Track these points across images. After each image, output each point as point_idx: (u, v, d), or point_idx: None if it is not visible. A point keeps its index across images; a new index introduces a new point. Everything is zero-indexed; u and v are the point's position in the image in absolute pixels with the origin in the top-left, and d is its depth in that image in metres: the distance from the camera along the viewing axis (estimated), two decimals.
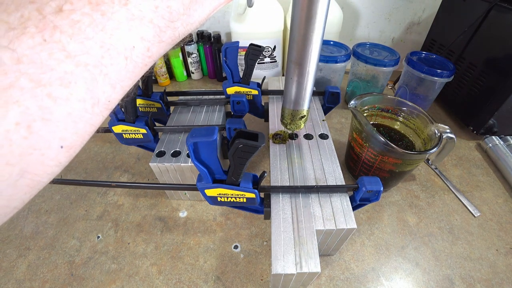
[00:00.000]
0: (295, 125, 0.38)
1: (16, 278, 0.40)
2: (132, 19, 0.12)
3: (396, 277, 0.40)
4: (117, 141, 0.48)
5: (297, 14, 0.25)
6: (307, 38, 0.26)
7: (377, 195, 0.35)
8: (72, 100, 0.11)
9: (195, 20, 0.15)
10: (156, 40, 0.13)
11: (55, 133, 0.11)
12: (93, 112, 0.12)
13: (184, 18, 0.14)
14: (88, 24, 0.11)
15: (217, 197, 0.35)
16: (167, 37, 0.14)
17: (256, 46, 0.46)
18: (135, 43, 0.12)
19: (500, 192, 0.53)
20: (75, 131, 0.12)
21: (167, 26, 0.13)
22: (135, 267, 0.41)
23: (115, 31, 0.11)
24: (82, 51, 0.11)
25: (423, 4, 0.82)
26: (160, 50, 0.14)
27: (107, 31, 0.11)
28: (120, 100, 0.14)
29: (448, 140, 0.44)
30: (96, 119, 0.13)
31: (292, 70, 0.31)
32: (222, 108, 0.54)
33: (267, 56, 0.75)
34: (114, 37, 0.11)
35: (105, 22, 0.11)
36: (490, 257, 0.43)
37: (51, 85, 0.10)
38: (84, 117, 0.12)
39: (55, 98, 0.10)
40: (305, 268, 0.29)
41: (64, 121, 0.11)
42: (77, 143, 0.12)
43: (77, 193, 0.52)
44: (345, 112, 0.74)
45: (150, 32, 0.13)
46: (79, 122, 0.12)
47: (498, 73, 0.56)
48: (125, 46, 0.12)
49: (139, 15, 0.12)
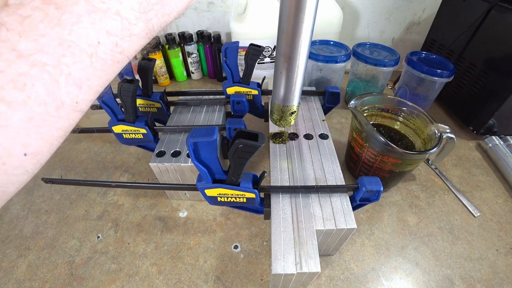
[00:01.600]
0: (285, 121, 0.36)
1: (16, 278, 0.40)
2: (93, 11, 0.11)
3: (396, 277, 0.40)
4: (117, 141, 0.48)
5: (286, 4, 0.24)
6: (297, 29, 0.25)
7: (377, 195, 0.35)
8: (31, 104, 0.10)
9: (171, 10, 0.14)
10: (126, 34, 0.12)
11: (15, 139, 0.10)
12: (58, 115, 0.11)
13: (158, 8, 0.13)
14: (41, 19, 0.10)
15: (217, 197, 0.35)
16: (139, 30, 0.12)
17: (256, 46, 0.46)
18: (100, 38, 0.11)
19: (500, 192, 0.53)
20: (40, 136, 0.11)
21: (137, 18, 0.12)
22: (135, 267, 0.41)
23: (75, 26, 0.10)
24: (36, 49, 0.10)
25: (423, 4, 0.82)
26: (133, 45, 0.13)
27: (65, 27, 0.10)
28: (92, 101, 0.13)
29: (448, 140, 0.44)
30: (64, 123, 0.12)
31: (281, 63, 0.29)
32: (222, 108, 0.54)
33: (267, 56, 0.75)
34: (74, 32, 0.10)
35: (61, 16, 0.10)
36: (490, 257, 0.43)
37: (3, 89, 0.09)
38: (47, 120, 0.11)
39: (9, 102, 0.09)
40: (305, 268, 0.29)
41: (25, 127, 0.10)
42: (44, 148, 0.11)
43: (77, 193, 0.52)
44: (345, 112, 0.74)
45: (117, 26, 0.11)
46: (43, 127, 0.11)
47: (498, 73, 0.56)
48: (88, 42, 0.11)
49: (102, 7, 0.11)
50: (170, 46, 0.79)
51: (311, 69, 0.67)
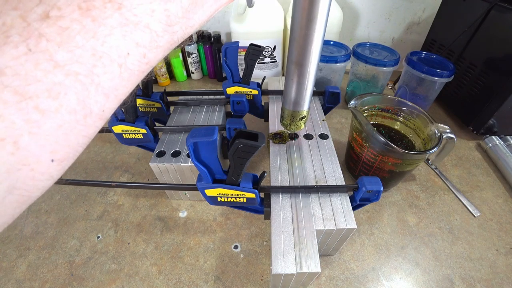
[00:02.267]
0: (295, 126, 0.38)
1: (16, 278, 0.40)
2: (126, 24, 0.11)
3: (396, 277, 0.40)
4: (117, 141, 0.48)
5: (298, 14, 0.25)
6: (308, 38, 0.26)
7: (377, 195, 0.35)
8: (62, 112, 0.10)
9: (194, 23, 0.14)
10: (153, 45, 0.12)
11: (44, 147, 0.10)
12: (85, 123, 0.11)
13: (184, 22, 0.13)
14: (78, 31, 0.10)
15: (217, 197, 0.35)
16: (165, 42, 0.13)
17: (256, 46, 0.46)
18: (130, 49, 0.12)
19: (500, 192, 0.53)
20: (67, 143, 0.11)
21: (164, 31, 0.13)
22: (135, 267, 0.41)
23: (108, 38, 0.11)
24: (72, 60, 0.10)
25: (423, 4, 0.82)
26: (157, 56, 0.13)
27: (99, 38, 0.11)
28: (115, 109, 0.13)
29: (448, 140, 0.44)
30: (89, 130, 0.12)
31: (292, 71, 0.30)
32: (222, 108, 0.54)
33: (267, 56, 0.75)
34: (106, 44, 0.11)
35: (97, 29, 0.10)
36: (490, 257, 0.43)
37: (38, 97, 0.10)
38: (75, 128, 0.11)
39: (43, 110, 0.10)
40: (305, 268, 0.29)
41: (54, 134, 0.10)
42: (70, 155, 0.12)
43: (77, 193, 0.52)
44: (345, 112, 0.74)
45: (146, 38, 0.12)
46: (71, 134, 0.11)
47: (498, 73, 0.56)
48: (118, 53, 0.11)
49: (134, 20, 0.11)
50: None
51: None
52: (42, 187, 0.12)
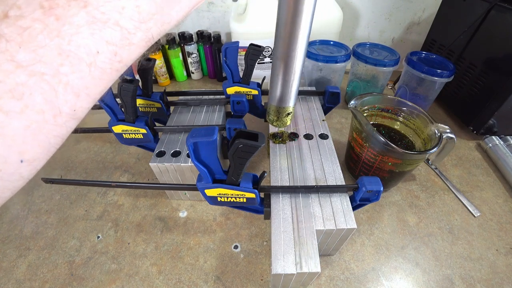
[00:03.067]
0: (281, 122, 0.37)
1: (16, 278, 0.40)
2: (93, 22, 0.11)
3: (396, 277, 0.40)
4: (117, 141, 0.48)
5: (283, 11, 0.25)
6: (293, 35, 0.26)
7: (377, 195, 0.35)
8: (28, 113, 0.10)
9: (171, 19, 0.14)
10: (125, 43, 0.12)
11: (11, 147, 0.10)
12: (55, 123, 0.11)
13: (158, 18, 0.13)
14: (40, 30, 0.10)
15: (217, 197, 0.35)
16: (139, 39, 0.13)
17: (256, 46, 0.46)
18: (99, 48, 0.11)
19: (500, 192, 0.53)
20: (37, 143, 0.11)
21: (137, 28, 0.12)
22: (135, 267, 0.41)
23: (74, 37, 0.10)
24: (35, 60, 0.10)
25: (423, 4, 0.82)
26: (132, 53, 0.13)
27: (64, 37, 0.10)
28: (89, 108, 0.13)
29: (448, 140, 0.44)
30: (61, 130, 0.12)
31: (277, 67, 0.30)
32: (222, 108, 0.54)
33: (267, 56, 0.75)
34: (73, 42, 0.10)
35: (61, 27, 0.10)
36: (490, 257, 0.43)
37: (1, 98, 0.09)
38: (45, 128, 0.11)
39: (6, 111, 0.10)
40: (305, 268, 0.29)
41: (22, 134, 0.10)
42: (41, 155, 0.12)
43: (77, 193, 0.52)
44: (345, 112, 0.74)
45: (116, 35, 0.12)
46: (40, 134, 0.11)
47: (498, 73, 0.56)
48: (87, 51, 0.11)
49: (102, 17, 0.11)
50: (170, 46, 0.79)
51: (311, 69, 0.67)
52: (12, 187, 0.11)
